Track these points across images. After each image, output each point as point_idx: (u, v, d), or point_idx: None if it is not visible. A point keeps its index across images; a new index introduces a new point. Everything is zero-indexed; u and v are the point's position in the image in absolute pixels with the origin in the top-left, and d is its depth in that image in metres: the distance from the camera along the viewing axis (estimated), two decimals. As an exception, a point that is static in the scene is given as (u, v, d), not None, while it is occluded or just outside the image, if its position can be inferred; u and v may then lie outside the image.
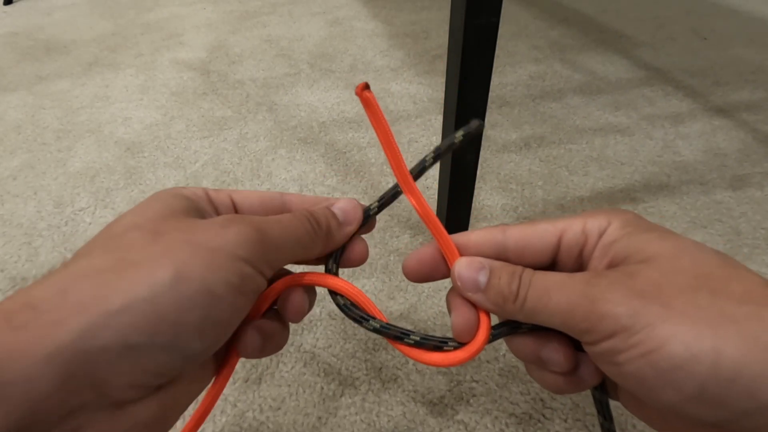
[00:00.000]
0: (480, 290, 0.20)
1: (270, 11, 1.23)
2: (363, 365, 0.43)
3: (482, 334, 0.21)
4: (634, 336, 0.16)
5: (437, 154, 0.22)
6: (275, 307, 0.23)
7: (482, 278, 0.20)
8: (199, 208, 0.21)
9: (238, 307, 0.19)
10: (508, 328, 0.21)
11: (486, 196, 0.61)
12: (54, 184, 0.67)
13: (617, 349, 0.17)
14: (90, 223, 0.60)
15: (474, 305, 0.21)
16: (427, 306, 0.48)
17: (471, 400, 0.40)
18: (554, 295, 0.18)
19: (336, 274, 0.23)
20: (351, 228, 0.23)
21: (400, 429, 0.39)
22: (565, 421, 0.39)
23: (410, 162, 0.22)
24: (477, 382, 0.41)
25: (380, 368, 0.43)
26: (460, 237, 0.22)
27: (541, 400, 0.40)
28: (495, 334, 0.21)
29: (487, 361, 0.43)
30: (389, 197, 0.23)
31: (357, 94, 0.20)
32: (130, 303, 0.16)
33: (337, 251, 0.23)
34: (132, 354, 0.16)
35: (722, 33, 1.00)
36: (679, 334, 0.15)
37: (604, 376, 0.21)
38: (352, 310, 0.22)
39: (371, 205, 0.24)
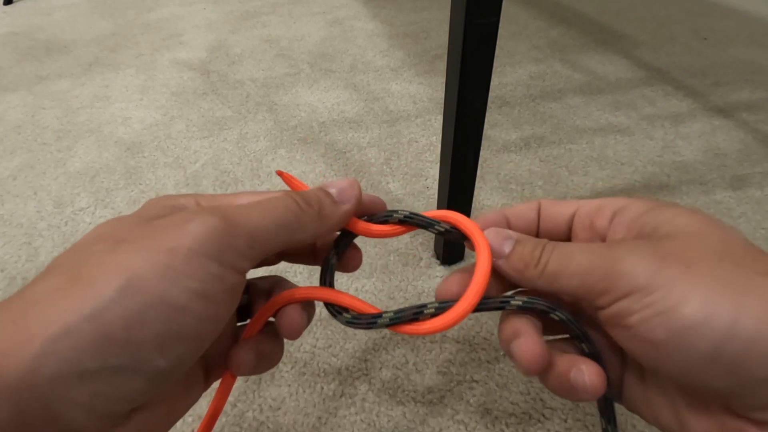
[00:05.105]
0: (503, 257, 0.20)
1: (270, 11, 1.23)
2: (363, 365, 0.43)
3: (470, 296, 0.19)
4: (649, 296, 0.16)
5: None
6: (272, 319, 0.22)
7: (507, 247, 0.20)
8: None
9: (209, 315, 0.16)
10: (498, 303, 0.20)
11: (486, 196, 0.61)
12: (54, 184, 0.67)
13: (631, 310, 0.16)
14: (90, 223, 0.60)
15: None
16: (427, 306, 0.48)
17: (471, 400, 0.40)
18: (576, 257, 0.18)
19: (332, 285, 0.22)
20: (348, 207, 0.21)
21: (400, 429, 0.39)
22: (565, 421, 0.39)
23: (410, 162, 0.21)
24: (477, 382, 0.41)
25: (380, 368, 0.43)
26: (508, 210, 0.23)
27: (541, 400, 0.40)
28: (478, 307, 0.20)
29: (488, 362, 0.43)
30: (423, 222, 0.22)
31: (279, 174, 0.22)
32: (73, 324, 0.14)
33: (331, 259, 0.22)
34: (85, 381, 0.14)
35: (722, 33, 1.00)
36: (697, 294, 0.15)
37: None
38: (360, 319, 0.21)
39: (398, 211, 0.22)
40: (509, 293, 0.22)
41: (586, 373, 0.18)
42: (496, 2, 0.33)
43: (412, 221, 0.22)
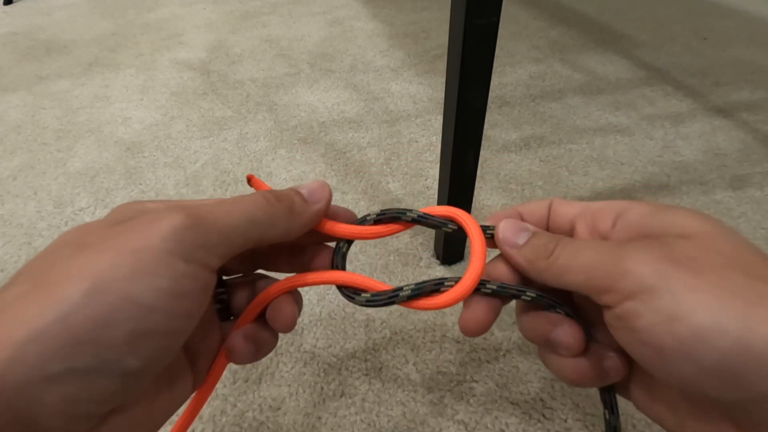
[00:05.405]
0: (516, 247, 0.21)
1: (270, 11, 1.23)
2: (363, 365, 0.43)
3: (472, 273, 0.20)
4: (657, 299, 0.15)
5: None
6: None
7: (521, 239, 0.21)
8: None
9: (179, 312, 0.16)
10: (515, 291, 0.21)
11: (486, 196, 0.61)
12: (54, 184, 0.67)
13: (637, 312, 0.16)
14: (90, 223, 0.60)
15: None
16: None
17: (471, 400, 0.40)
18: (584, 252, 0.18)
19: (343, 268, 0.22)
20: (319, 206, 0.21)
21: (400, 429, 0.39)
22: (565, 421, 0.39)
23: (410, 162, 0.21)
24: (477, 382, 0.41)
25: (380, 368, 0.43)
26: (521, 207, 0.24)
27: (541, 400, 0.40)
28: (496, 289, 0.21)
29: (487, 361, 0.43)
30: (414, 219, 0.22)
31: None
32: (39, 329, 0.14)
33: (342, 247, 0.22)
34: (54, 385, 0.14)
35: (722, 33, 1.00)
36: (708, 303, 0.15)
37: (626, 373, 0.21)
38: (378, 297, 0.21)
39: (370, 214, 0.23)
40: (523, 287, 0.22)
41: (616, 359, 0.20)
42: (496, 2, 0.33)
43: (425, 222, 0.22)
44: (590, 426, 0.38)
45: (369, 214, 0.22)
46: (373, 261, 0.52)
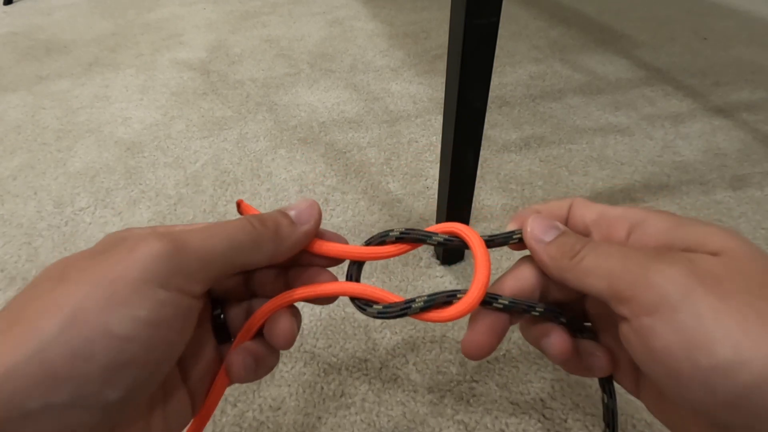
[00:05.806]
0: (543, 242, 0.20)
1: (270, 11, 1.23)
2: (363, 365, 0.43)
3: (478, 282, 0.20)
4: (678, 319, 0.15)
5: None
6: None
7: (548, 236, 0.21)
8: None
9: (159, 342, 0.16)
10: (525, 306, 0.21)
11: (486, 196, 0.61)
12: (54, 184, 0.67)
13: (655, 331, 0.15)
14: (90, 223, 0.60)
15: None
16: (427, 306, 0.48)
17: (471, 400, 0.40)
18: (610, 258, 0.18)
19: (358, 280, 0.22)
20: (307, 227, 0.21)
21: (400, 429, 0.39)
22: (565, 421, 0.39)
23: (410, 162, 0.21)
24: (477, 382, 0.41)
25: (380, 368, 0.43)
26: (541, 206, 0.23)
27: (541, 400, 0.40)
28: (507, 304, 0.21)
29: (487, 362, 0.43)
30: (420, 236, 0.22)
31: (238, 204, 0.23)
32: (15, 364, 0.14)
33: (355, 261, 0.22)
34: (32, 421, 0.14)
35: (722, 33, 1.00)
36: (732, 333, 0.14)
37: (612, 370, 0.21)
38: (391, 308, 0.21)
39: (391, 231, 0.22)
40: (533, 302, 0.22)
41: (603, 359, 0.21)
42: (496, 2, 0.33)
43: (451, 244, 0.22)
44: (590, 426, 0.38)
45: (393, 230, 0.22)
46: (374, 261, 0.52)
